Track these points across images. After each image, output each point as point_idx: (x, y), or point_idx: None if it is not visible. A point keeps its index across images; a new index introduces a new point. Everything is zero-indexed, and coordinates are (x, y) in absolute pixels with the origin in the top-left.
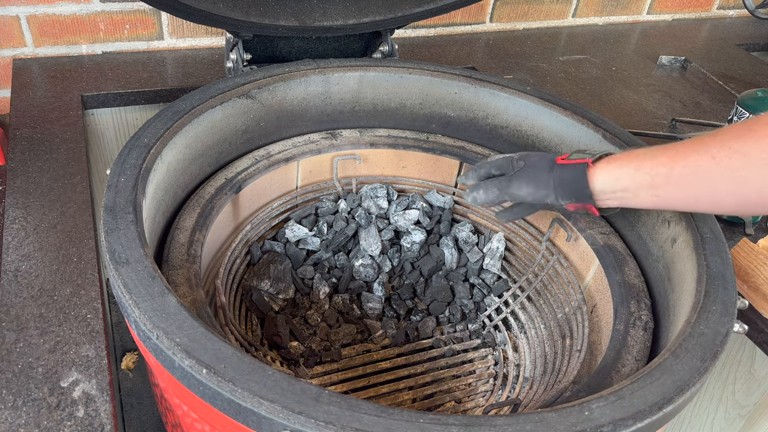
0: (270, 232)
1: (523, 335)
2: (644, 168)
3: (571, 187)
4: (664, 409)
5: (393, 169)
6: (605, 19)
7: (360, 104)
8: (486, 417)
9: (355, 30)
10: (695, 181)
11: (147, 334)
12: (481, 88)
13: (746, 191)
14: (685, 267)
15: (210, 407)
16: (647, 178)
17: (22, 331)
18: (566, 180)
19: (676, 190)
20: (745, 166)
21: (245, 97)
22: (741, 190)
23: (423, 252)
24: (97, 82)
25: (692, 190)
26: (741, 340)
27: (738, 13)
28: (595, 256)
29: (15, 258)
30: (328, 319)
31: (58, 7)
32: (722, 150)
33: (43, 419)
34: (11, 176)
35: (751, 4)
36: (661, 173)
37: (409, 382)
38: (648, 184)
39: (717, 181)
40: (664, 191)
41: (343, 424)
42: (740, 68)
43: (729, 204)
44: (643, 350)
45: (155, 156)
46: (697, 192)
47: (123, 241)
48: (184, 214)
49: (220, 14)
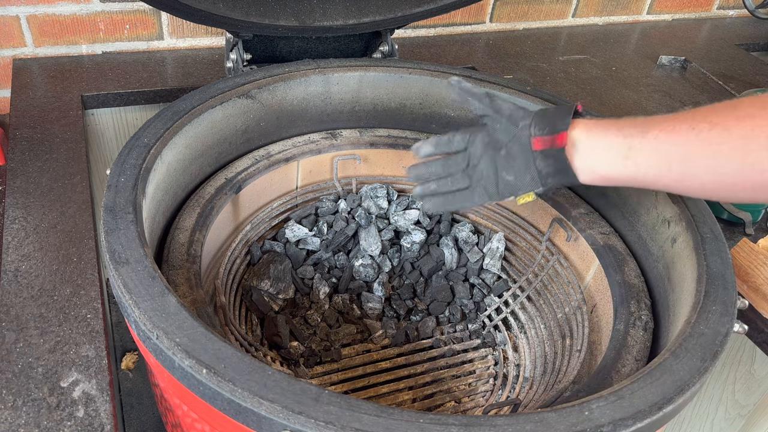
0: (270, 232)
1: (523, 335)
2: (623, 129)
3: (555, 175)
4: (664, 409)
5: (393, 169)
6: (605, 19)
7: (360, 104)
8: (486, 417)
9: (355, 30)
10: (671, 150)
11: (147, 334)
12: (482, 88)
13: (725, 169)
14: (685, 267)
15: (210, 407)
16: (622, 139)
17: (22, 331)
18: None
19: (651, 156)
20: (725, 141)
21: (245, 97)
22: (720, 166)
23: (423, 252)
24: (97, 82)
25: (668, 158)
26: (741, 340)
27: (738, 13)
28: (595, 256)
29: (15, 258)
30: (328, 319)
31: (58, 7)
32: (702, 123)
33: (43, 419)
34: (11, 176)
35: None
36: (636, 134)
37: (409, 382)
38: (623, 145)
39: (695, 153)
40: (638, 155)
41: (343, 424)
42: (740, 68)
43: (707, 182)
44: (643, 350)
45: (155, 156)
46: (672, 161)
47: (123, 241)
48: (184, 214)
49: (220, 14)
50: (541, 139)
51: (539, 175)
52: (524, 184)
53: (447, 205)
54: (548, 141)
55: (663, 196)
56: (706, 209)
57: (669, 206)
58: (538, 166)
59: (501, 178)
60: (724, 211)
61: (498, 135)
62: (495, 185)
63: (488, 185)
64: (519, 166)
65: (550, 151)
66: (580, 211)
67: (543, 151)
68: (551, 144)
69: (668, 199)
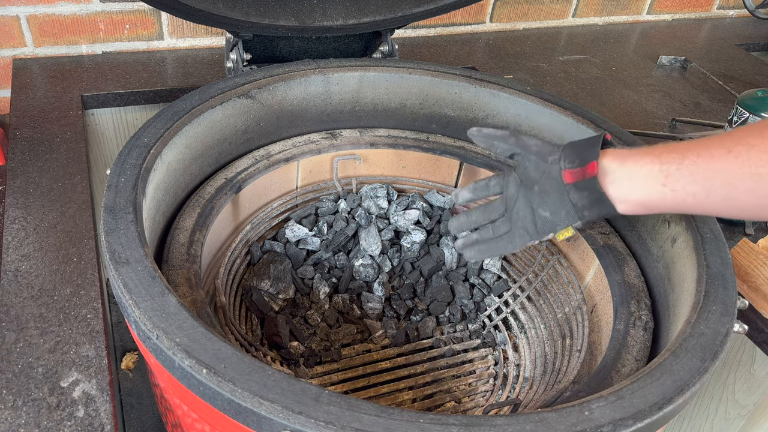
0: (270, 232)
1: (523, 335)
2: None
3: (592, 207)
4: (664, 409)
5: (393, 169)
6: (605, 19)
7: (360, 104)
8: (486, 417)
9: (355, 30)
10: (710, 175)
11: (147, 334)
12: (481, 88)
13: (765, 189)
14: (685, 267)
15: (210, 407)
16: (659, 166)
17: (22, 331)
18: (585, 201)
19: (690, 182)
20: (764, 163)
21: (245, 97)
22: (759, 188)
23: (423, 252)
24: (97, 82)
25: (707, 184)
26: (741, 340)
27: (738, 13)
28: (595, 256)
29: (15, 258)
30: (328, 319)
31: (58, 7)
32: (739, 145)
33: (43, 419)
34: (11, 176)
35: (751, 4)
36: (673, 160)
37: (409, 382)
38: (661, 172)
39: (733, 175)
40: (677, 182)
41: (343, 424)
42: (740, 68)
43: (747, 203)
44: (643, 350)
45: (155, 156)
46: (711, 186)
47: (123, 241)
48: (184, 214)
49: (220, 14)
50: (571, 172)
51: (574, 208)
52: (560, 219)
53: (490, 252)
54: (579, 173)
55: None
56: None
57: None
58: (573, 199)
59: (538, 216)
60: None
61: (529, 172)
62: (533, 224)
63: (527, 225)
64: (554, 201)
65: (583, 182)
66: None
67: (575, 183)
68: (582, 175)
69: None
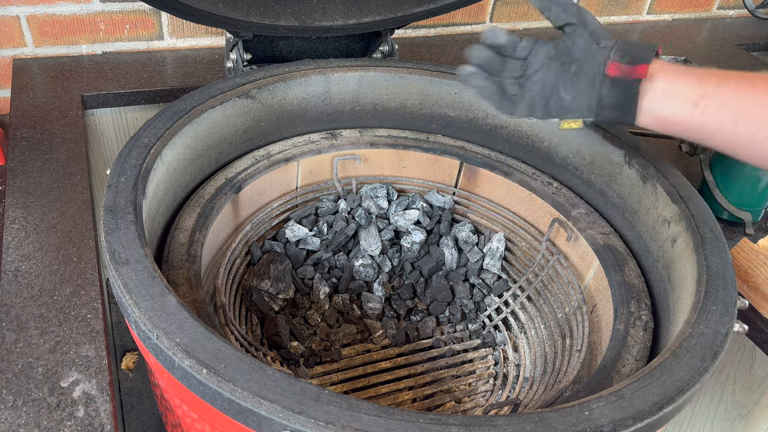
0: (270, 232)
1: (523, 335)
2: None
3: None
4: (664, 409)
5: (393, 169)
6: (605, 19)
7: (360, 104)
8: (486, 417)
9: (355, 30)
10: (745, 106)
11: (147, 334)
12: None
13: None
14: (685, 267)
15: (210, 407)
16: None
17: (22, 331)
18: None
19: (722, 107)
20: None
21: (245, 97)
22: None
23: (423, 252)
24: (97, 82)
25: (738, 113)
26: (741, 340)
27: (738, 13)
28: (595, 256)
29: (15, 258)
30: (328, 319)
31: (58, 7)
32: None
33: (43, 419)
34: (11, 176)
35: (751, 4)
36: (712, 83)
37: (409, 382)
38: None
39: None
40: (709, 104)
41: (343, 424)
42: (740, 68)
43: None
44: (643, 350)
45: (155, 156)
46: (741, 117)
47: (123, 241)
48: (184, 214)
49: (220, 14)
50: (618, 66)
51: (598, 103)
52: (578, 107)
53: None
54: (626, 69)
55: (663, 196)
56: (707, 209)
57: (669, 206)
58: (602, 92)
59: (555, 94)
60: (724, 211)
61: (574, 49)
62: (545, 100)
63: (537, 99)
64: (581, 87)
65: (623, 80)
66: (580, 211)
67: (616, 78)
68: (628, 73)
69: (668, 199)
